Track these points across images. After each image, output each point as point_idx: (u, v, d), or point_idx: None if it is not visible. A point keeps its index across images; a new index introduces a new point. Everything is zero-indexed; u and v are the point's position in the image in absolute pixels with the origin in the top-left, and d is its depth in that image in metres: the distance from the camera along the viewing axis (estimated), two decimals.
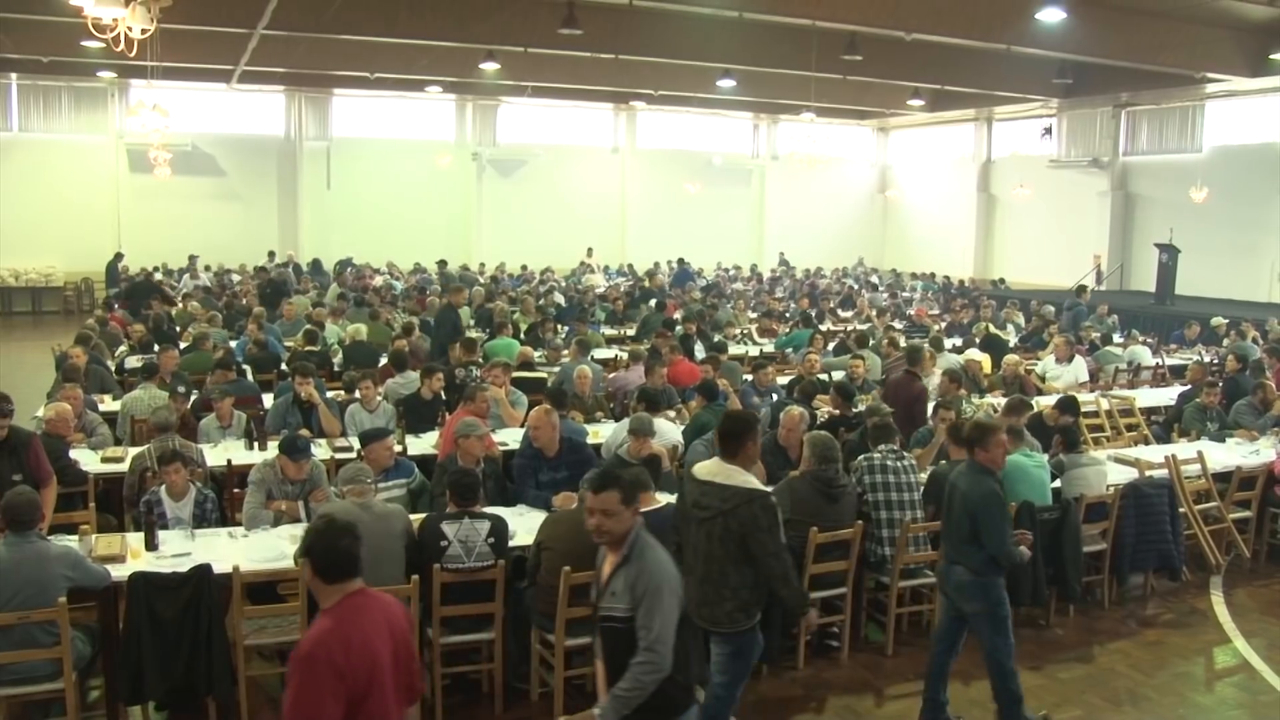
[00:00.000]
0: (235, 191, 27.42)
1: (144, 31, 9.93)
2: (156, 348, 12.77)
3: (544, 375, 11.42)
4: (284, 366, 11.85)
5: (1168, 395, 12.45)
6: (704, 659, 5.08)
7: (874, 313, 19.31)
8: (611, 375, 12.00)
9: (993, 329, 16.52)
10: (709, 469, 5.12)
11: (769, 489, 5.12)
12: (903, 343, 13.93)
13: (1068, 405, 9.44)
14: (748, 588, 5.04)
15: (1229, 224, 22.88)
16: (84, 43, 15.94)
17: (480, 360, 11.47)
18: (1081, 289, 18.85)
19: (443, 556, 5.89)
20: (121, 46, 9.78)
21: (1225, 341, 15.96)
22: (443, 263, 25.14)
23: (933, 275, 28.44)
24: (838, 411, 9.59)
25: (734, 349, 14.54)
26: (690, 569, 5.08)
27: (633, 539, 4.01)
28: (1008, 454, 6.06)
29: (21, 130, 25.38)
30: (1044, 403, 10.22)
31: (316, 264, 25.65)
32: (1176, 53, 18.61)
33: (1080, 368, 12.92)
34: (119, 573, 5.72)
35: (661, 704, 3.99)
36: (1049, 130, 28.26)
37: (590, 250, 29.16)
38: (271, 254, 26.26)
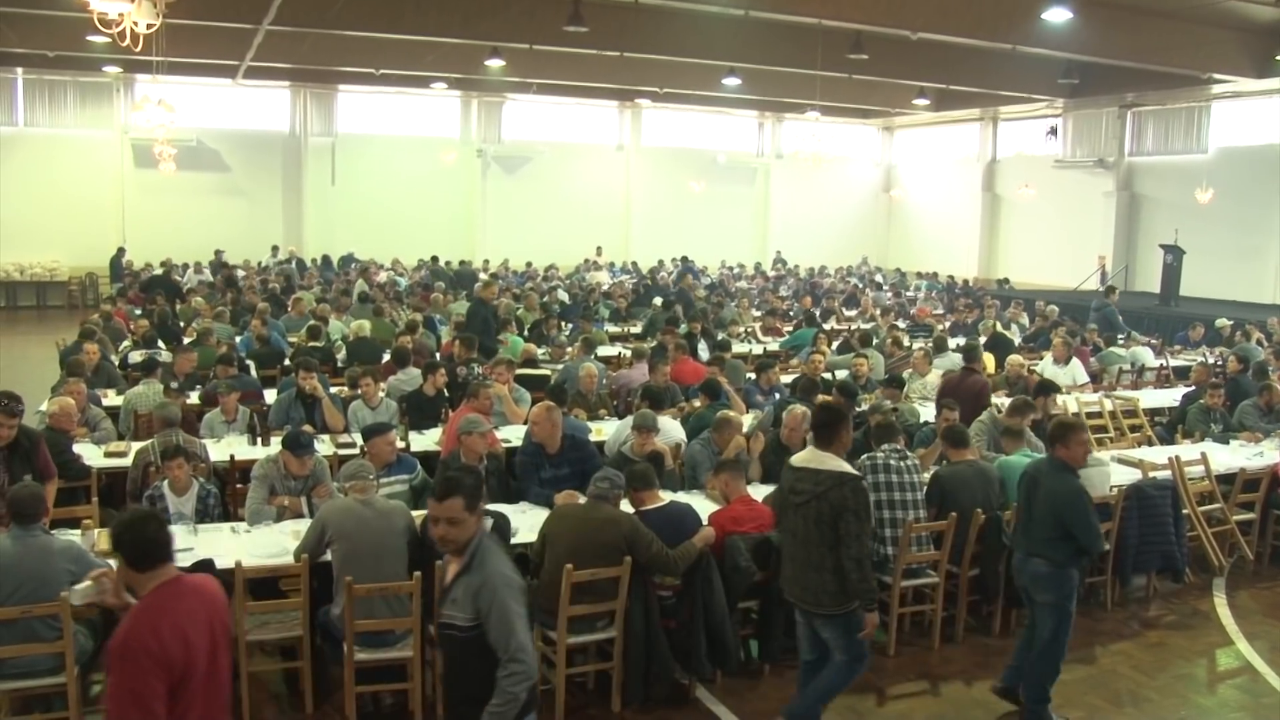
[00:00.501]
0: (240, 187, 27.44)
1: (150, 26, 9.94)
2: (160, 343, 12.80)
3: (547, 373, 11.42)
4: (288, 362, 11.86)
5: (1171, 396, 12.42)
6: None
7: (878, 312, 19.31)
8: (615, 373, 12.00)
9: (1000, 328, 16.47)
10: (804, 457, 5.38)
11: (859, 474, 5.32)
12: (906, 341, 13.96)
13: (1045, 388, 9.62)
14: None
15: (1234, 225, 22.86)
16: (90, 37, 15.93)
17: (478, 357, 11.49)
18: (1110, 289, 18.62)
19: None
20: (127, 41, 9.80)
21: (1219, 347, 15.92)
22: (435, 259, 25.16)
23: (935, 275, 28.40)
24: None
25: (738, 347, 14.52)
26: (790, 556, 5.34)
27: (474, 547, 3.94)
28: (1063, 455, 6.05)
29: (27, 125, 25.41)
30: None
31: (326, 260, 25.67)
32: (1182, 53, 18.59)
33: (1078, 369, 12.89)
34: None
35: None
36: (1054, 130, 28.23)
37: (600, 249, 29.20)
38: (275, 249, 26.30)
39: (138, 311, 16.16)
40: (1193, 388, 11.91)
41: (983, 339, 15.03)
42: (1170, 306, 21.18)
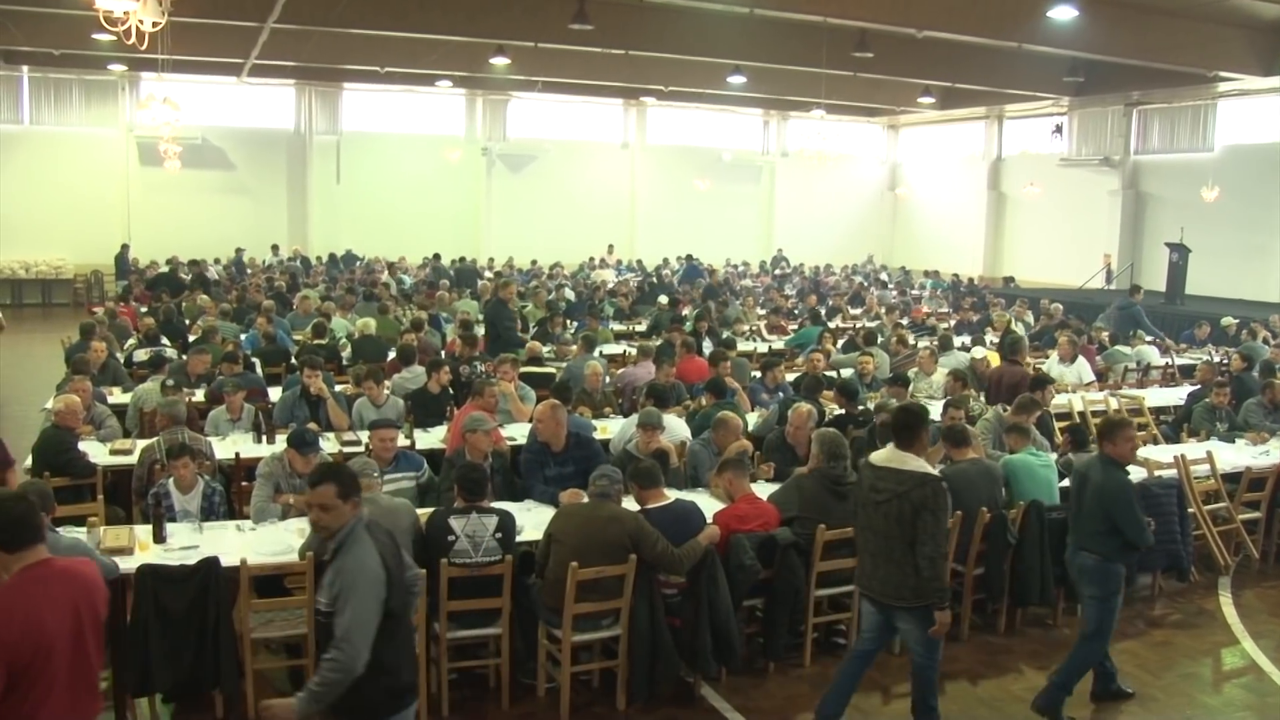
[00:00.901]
0: (245, 185, 27.48)
1: (155, 25, 9.96)
2: (165, 340, 12.81)
3: (553, 370, 11.42)
4: (293, 360, 11.87)
5: (1177, 395, 12.39)
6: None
7: (882, 310, 19.28)
8: (620, 371, 11.99)
9: (1012, 325, 16.29)
10: (884, 456, 5.49)
11: (940, 475, 5.49)
12: (911, 340, 13.94)
13: (1039, 381, 9.74)
14: None
15: (1240, 224, 22.79)
16: (95, 36, 15.95)
17: (480, 354, 11.47)
18: (1136, 288, 18.39)
19: (450, 551, 5.89)
20: (133, 39, 9.81)
21: (1223, 346, 15.83)
22: (436, 256, 25.20)
23: (937, 273, 28.31)
24: (842, 410, 9.58)
25: (743, 345, 14.52)
26: (870, 551, 5.51)
27: (342, 535, 4.01)
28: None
29: (32, 123, 25.44)
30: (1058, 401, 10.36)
31: (333, 258, 25.68)
32: (1188, 51, 18.55)
33: (1084, 367, 12.86)
34: (127, 565, 5.73)
35: (360, 705, 3.98)
36: (1059, 128, 28.12)
37: (611, 247, 29.21)
38: (275, 248, 26.31)
39: (143, 309, 16.17)
40: (1198, 386, 11.87)
41: (991, 337, 15.03)
42: (1176, 305, 21.12)
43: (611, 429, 9.15)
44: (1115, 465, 6.01)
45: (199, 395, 10.04)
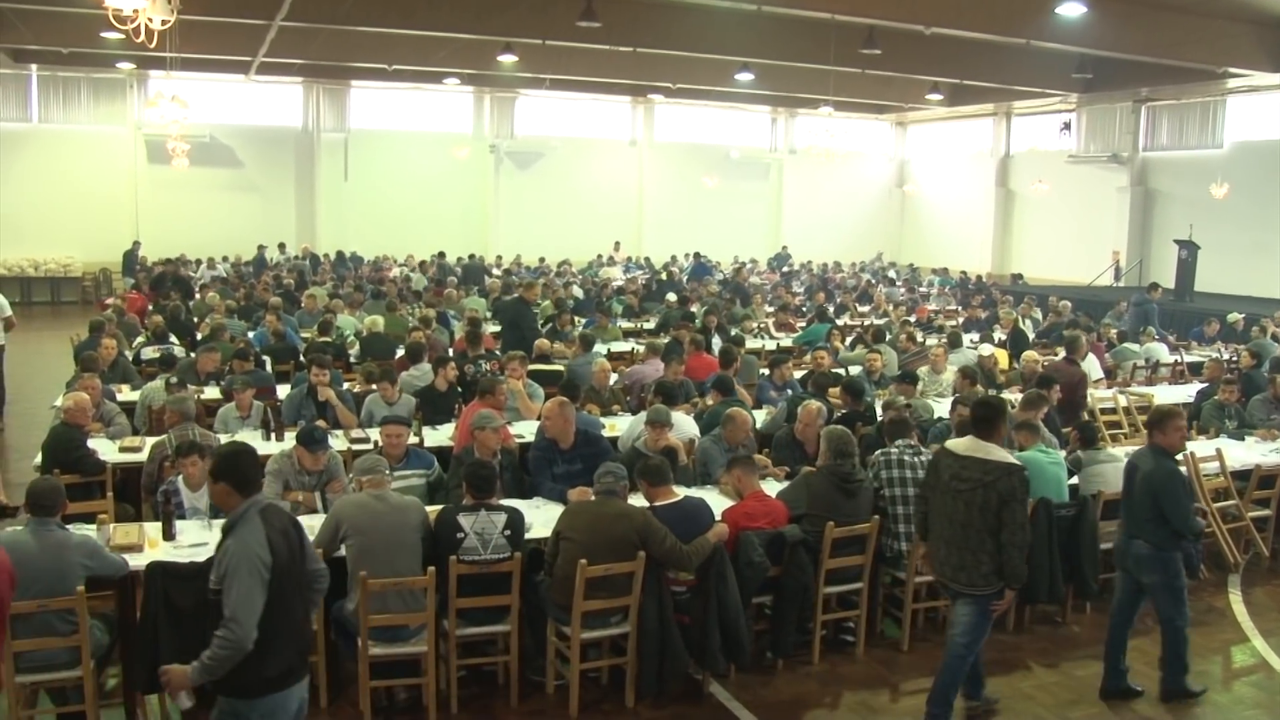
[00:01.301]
0: (253, 183, 27.54)
1: (164, 23, 9.99)
2: (172, 338, 12.84)
3: (561, 368, 11.42)
4: (302, 358, 11.89)
5: (1186, 392, 12.34)
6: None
7: (891, 307, 19.26)
8: (628, 369, 11.98)
9: (1022, 323, 16.23)
10: (965, 445, 5.67)
11: (1023, 465, 5.64)
12: (919, 337, 13.92)
13: (1046, 380, 9.66)
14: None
15: (1249, 220, 22.71)
16: (104, 34, 16.00)
17: (485, 352, 11.48)
18: (1154, 286, 18.26)
19: (459, 548, 5.90)
20: (141, 38, 9.83)
21: (1232, 343, 15.75)
22: (442, 254, 25.22)
23: (945, 270, 28.25)
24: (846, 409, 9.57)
25: (751, 343, 14.51)
26: (945, 538, 5.64)
27: (234, 517, 4.21)
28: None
29: (41, 121, 25.52)
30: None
31: (341, 256, 25.72)
32: (1197, 47, 18.48)
33: (1093, 364, 12.81)
34: (136, 562, 5.75)
35: (233, 682, 4.09)
36: (1068, 125, 28.10)
37: (618, 244, 29.21)
38: (281, 246, 26.35)
39: (150, 306, 16.20)
40: (1207, 384, 11.83)
41: (999, 335, 14.99)
42: (1185, 302, 21.08)
43: (620, 426, 9.16)
44: (1164, 454, 6.10)
45: (211, 392, 10.05)
